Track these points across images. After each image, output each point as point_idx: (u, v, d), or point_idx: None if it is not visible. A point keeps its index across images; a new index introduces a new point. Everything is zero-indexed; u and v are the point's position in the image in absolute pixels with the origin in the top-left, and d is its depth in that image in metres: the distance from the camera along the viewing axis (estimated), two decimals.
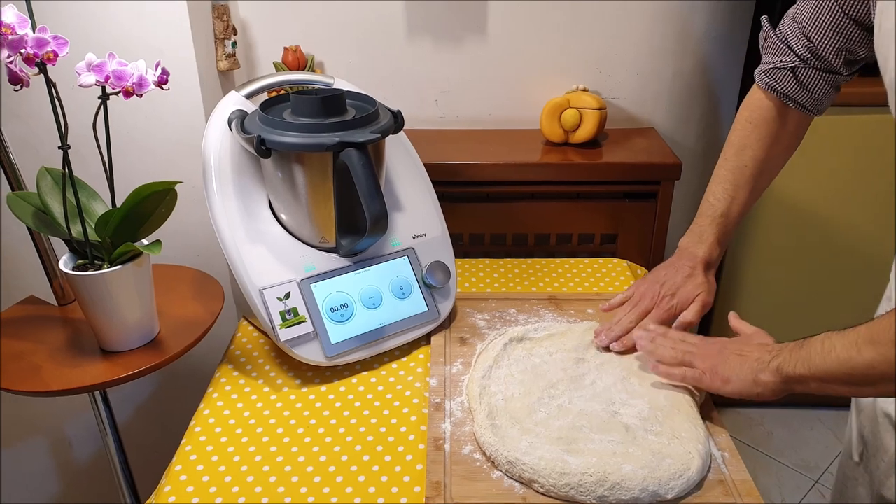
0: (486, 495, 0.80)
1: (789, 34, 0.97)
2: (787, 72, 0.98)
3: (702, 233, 1.04)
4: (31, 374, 0.99)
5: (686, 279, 1.02)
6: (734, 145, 1.04)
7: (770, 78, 1.00)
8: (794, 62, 0.97)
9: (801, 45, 0.96)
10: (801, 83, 0.98)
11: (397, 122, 1.05)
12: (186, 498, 0.83)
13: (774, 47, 1.00)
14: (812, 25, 0.94)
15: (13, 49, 0.83)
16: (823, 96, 1.00)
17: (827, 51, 0.94)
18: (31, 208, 1.00)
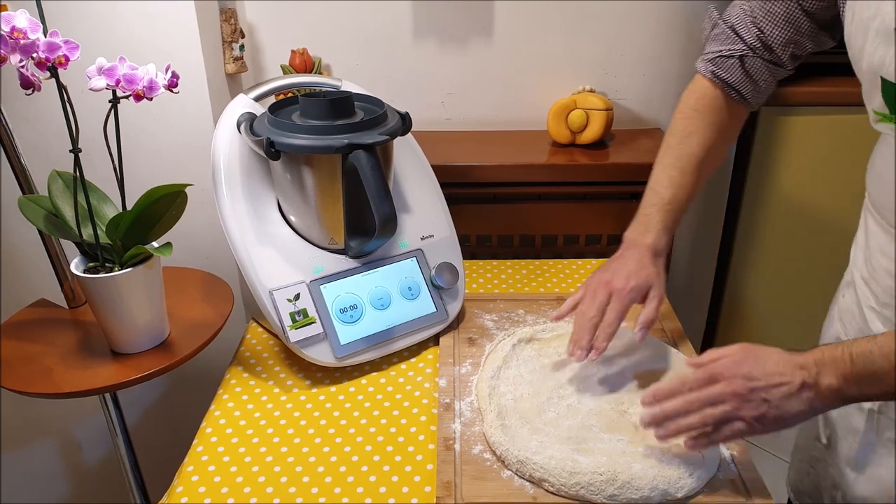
0: (496, 495, 0.80)
1: (738, 24, 0.97)
2: (736, 60, 0.97)
3: (647, 222, 1.00)
4: (43, 377, 1.00)
5: (637, 270, 0.97)
6: (679, 132, 1.02)
7: (716, 66, 0.99)
8: (742, 51, 0.97)
9: (751, 34, 0.96)
10: (748, 72, 0.98)
11: (405, 123, 1.06)
12: (198, 498, 0.83)
13: (723, 36, 0.99)
14: (764, 16, 0.94)
15: (25, 53, 0.84)
16: (766, 88, 1.00)
17: (776, 42, 0.94)
18: (43, 211, 1.01)
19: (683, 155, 1.00)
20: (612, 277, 0.96)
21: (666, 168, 1.01)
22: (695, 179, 1.01)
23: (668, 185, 1.00)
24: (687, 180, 1.00)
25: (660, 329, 1.11)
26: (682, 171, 1.00)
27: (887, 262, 0.85)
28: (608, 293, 0.94)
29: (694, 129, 1.01)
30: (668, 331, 1.10)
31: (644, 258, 0.98)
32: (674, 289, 1.82)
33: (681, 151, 1.01)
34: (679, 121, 1.03)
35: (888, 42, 0.71)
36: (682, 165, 1.00)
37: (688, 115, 1.02)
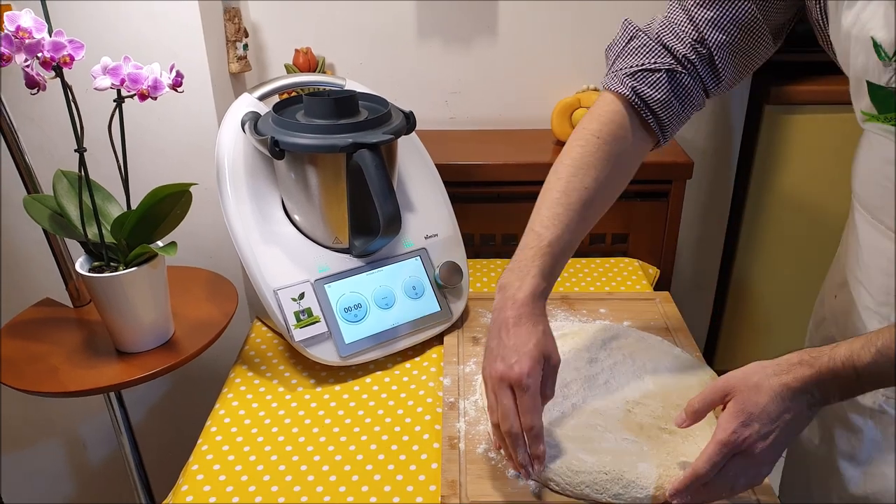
0: (501, 494, 0.80)
1: (668, 35, 0.86)
2: (662, 75, 0.85)
3: (523, 269, 0.83)
4: (48, 376, 1.00)
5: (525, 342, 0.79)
6: (573, 163, 0.86)
7: (637, 81, 0.85)
8: (671, 64, 0.85)
9: (685, 45, 0.85)
10: (675, 91, 0.86)
11: (409, 122, 1.06)
12: (204, 497, 0.84)
13: (644, 49, 0.87)
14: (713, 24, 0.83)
15: (30, 53, 0.84)
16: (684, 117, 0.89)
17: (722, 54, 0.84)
18: (48, 211, 1.01)
19: (572, 189, 0.85)
20: (506, 366, 0.78)
21: (551, 205, 0.85)
22: (582, 218, 0.85)
23: (549, 224, 0.84)
24: (573, 219, 0.84)
25: (664, 327, 1.11)
26: (569, 207, 0.84)
27: (883, 262, 0.83)
28: (509, 389, 0.78)
29: (591, 162, 0.85)
30: (672, 329, 1.10)
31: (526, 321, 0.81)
32: (679, 284, 1.82)
33: (570, 185, 0.85)
34: (576, 148, 0.87)
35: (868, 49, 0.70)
36: (570, 202, 0.84)
37: (587, 142, 0.86)
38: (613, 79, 0.88)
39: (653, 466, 0.80)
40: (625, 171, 0.89)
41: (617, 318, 1.13)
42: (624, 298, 1.20)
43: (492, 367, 0.80)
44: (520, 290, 0.82)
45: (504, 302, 0.82)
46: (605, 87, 0.89)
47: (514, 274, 0.84)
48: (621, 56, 0.89)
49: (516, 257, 0.85)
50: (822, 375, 0.71)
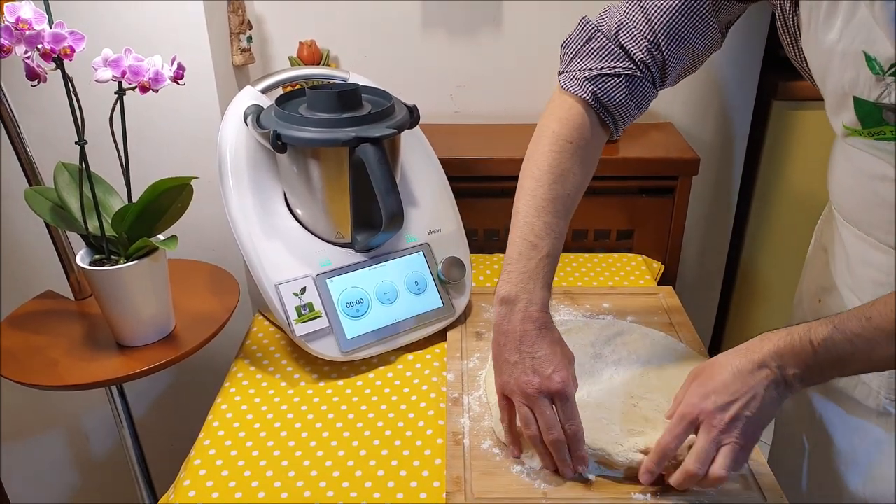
0: (506, 490, 0.80)
1: (625, 36, 0.86)
2: (622, 80, 0.86)
3: (528, 282, 0.82)
4: (49, 369, 1.00)
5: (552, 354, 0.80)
6: (552, 169, 0.85)
7: (597, 87, 0.86)
8: (630, 70, 0.86)
9: (642, 49, 0.85)
10: (632, 95, 0.87)
11: (413, 116, 1.05)
12: (206, 492, 0.83)
13: (604, 52, 0.87)
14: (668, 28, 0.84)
15: (30, 44, 0.83)
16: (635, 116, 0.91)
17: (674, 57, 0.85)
18: (49, 203, 1.00)
19: (558, 197, 0.84)
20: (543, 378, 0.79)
21: (539, 212, 0.84)
22: (566, 224, 0.86)
23: (544, 234, 0.83)
24: (561, 227, 0.85)
25: (667, 322, 1.10)
26: (557, 215, 0.84)
27: (874, 272, 0.84)
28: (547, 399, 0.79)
29: (569, 167, 0.86)
30: (676, 324, 1.09)
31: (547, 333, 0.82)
32: (684, 280, 1.81)
33: (555, 193, 0.84)
34: (550, 153, 0.86)
35: (857, 63, 0.70)
36: (557, 209, 0.84)
37: (562, 147, 0.86)
38: (572, 81, 0.88)
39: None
40: (592, 169, 0.91)
41: (620, 313, 1.12)
42: (627, 293, 1.19)
43: (523, 380, 0.79)
44: (532, 303, 0.81)
45: (514, 315, 0.82)
46: (563, 87, 0.89)
47: (518, 287, 0.82)
48: (579, 56, 0.89)
49: (513, 267, 0.84)
50: (780, 349, 0.72)
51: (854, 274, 0.88)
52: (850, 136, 0.78)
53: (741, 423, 0.73)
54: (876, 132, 0.74)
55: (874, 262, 0.83)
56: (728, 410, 0.73)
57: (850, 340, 0.69)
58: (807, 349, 0.71)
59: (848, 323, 0.69)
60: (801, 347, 0.71)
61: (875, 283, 0.84)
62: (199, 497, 0.83)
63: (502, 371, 0.82)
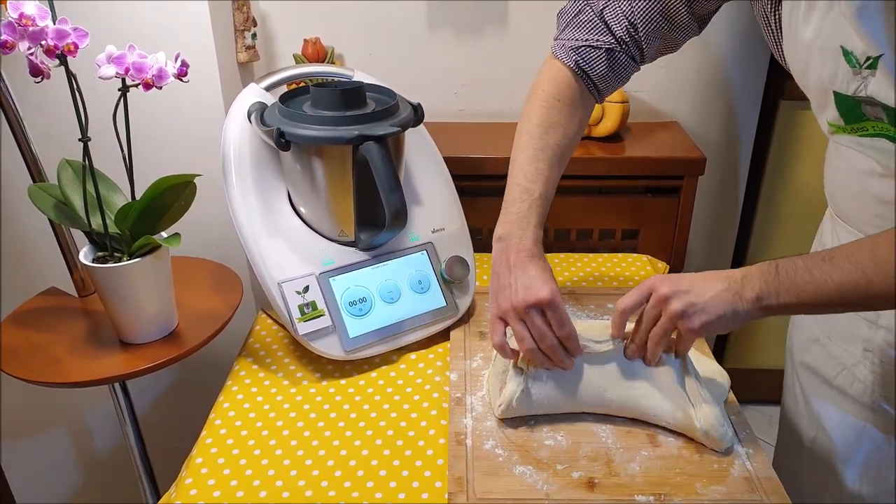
0: (509, 491, 0.79)
1: (608, 13, 0.92)
2: (602, 53, 0.93)
3: (521, 220, 0.91)
4: (52, 366, 1.00)
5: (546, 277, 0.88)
6: (541, 122, 0.94)
7: (580, 56, 0.94)
8: (611, 44, 0.93)
9: (622, 26, 0.92)
10: (612, 67, 0.94)
11: (417, 115, 1.04)
12: (208, 490, 0.83)
13: (589, 24, 0.94)
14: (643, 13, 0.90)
15: (34, 41, 0.83)
16: (619, 84, 0.98)
17: (646, 34, 0.92)
18: (53, 200, 1.00)
19: (548, 146, 0.94)
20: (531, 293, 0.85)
21: (531, 160, 0.93)
22: (558, 172, 0.95)
23: (535, 178, 0.92)
24: (552, 174, 0.94)
25: None
26: (549, 163, 0.93)
27: None
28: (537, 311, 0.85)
29: (557, 121, 0.95)
30: None
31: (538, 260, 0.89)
32: None
33: (545, 142, 0.94)
34: (541, 109, 0.95)
35: (836, 58, 0.73)
36: (549, 157, 0.93)
37: (551, 104, 0.95)
38: (561, 49, 0.96)
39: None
40: (580, 126, 0.99)
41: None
42: None
43: (515, 297, 0.86)
44: (524, 238, 0.90)
45: (509, 249, 0.90)
46: (553, 53, 0.98)
47: (512, 225, 0.91)
48: (570, 26, 0.97)
49: (509, 209, 0.93)
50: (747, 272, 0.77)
51: None
52: (835, 133, 0.80)
53: (685, 299, 0.79)
54: (858, 128, 0.77)
55: None
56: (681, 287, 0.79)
57: (808, 270, 0.73)
58: (770, 270, 0.75)
59: (813, 257, 0.74)
60: (766, 268, 0.76)
61: None
62: (201, 496, 0.82)
63: (497, 296, 0.89)
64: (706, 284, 0.79)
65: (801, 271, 0.74)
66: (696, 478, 0.81)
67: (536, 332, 0.85)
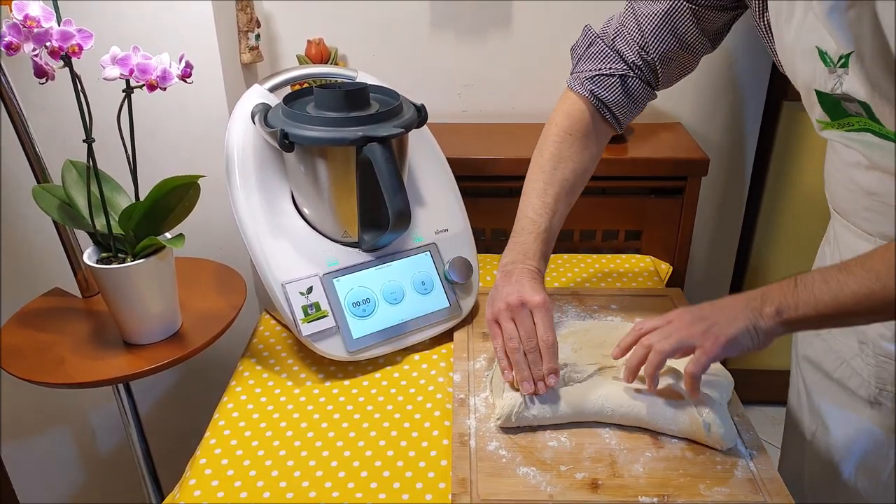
0: (512, 492, 0.79)
1: (620, 41, 0.96)
2: (616, 80, 0.97)
3: (526, 250, 0.96)
4: (56, 366, 1.00)
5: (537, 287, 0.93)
6: (552, 157, 0.99)
7: (596, 85, 0.97)
8: (623, 70, 0.96)
9: (633, 52, 0.95)
10: (627, 92, 0.97)
11: (421, 116, 1.04)
12: (211, 491, 0.83)
13: (601, 54, 0.98)
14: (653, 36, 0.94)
15: (38, 42, 0.83)
16: (636, 110, 1.01)
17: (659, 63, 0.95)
18: (57, 201, 1.00)
19: (556, 181, 0.98)
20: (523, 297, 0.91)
21: (540, 195, 0.98)
22: (566, 206, 1.00)
23: (542, 212, 0.97)
24: (560, 208, 0.98)
25: None
26: (556, 197, 0.98)
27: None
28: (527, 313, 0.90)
29: (567, 155, 0.99)
30: None
31: (533, 279, 0.94)
32: (693, 281, 1.80)
33: (554, 177, 0.98)
34: (553, 144, 1.00)
35: (813, 58, 0.75)
36: (556, 192, 0.98)
37: (562, 138, 0.99)
38: (576, 81, 1.00)
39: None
40: (593, 158, 1.02)
41: (628, 314, 1.12)
42: (635, 295, 1.19)
43: (510, 297, 0.92)
44: (525, 264, 0.95)
45: (511, 276, 0.95)
46: (569, 86, 1.02)
47: (517, 255, 0.96)
48: (583, 59, 1.00)
49: (516, 240, 0.98)
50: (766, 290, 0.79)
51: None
52: (824, 129, 0.83)
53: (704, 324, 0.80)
54: (844, 124, 0.79)
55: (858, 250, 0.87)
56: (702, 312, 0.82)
57: (825, 280, 0.74)
58: (790, 284, 0.77)
59: (830, 268, 0.75)
60: (785, 284, 0.77)
61: None
62: (205, 496, 0.83)
63: (494, 302, 0.94)
64: (726, 305, 0.81)
65: (818, 282, 0.75)
66: (699, 479, 0.81)
67: (524, 330, 0.90)
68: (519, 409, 0.87)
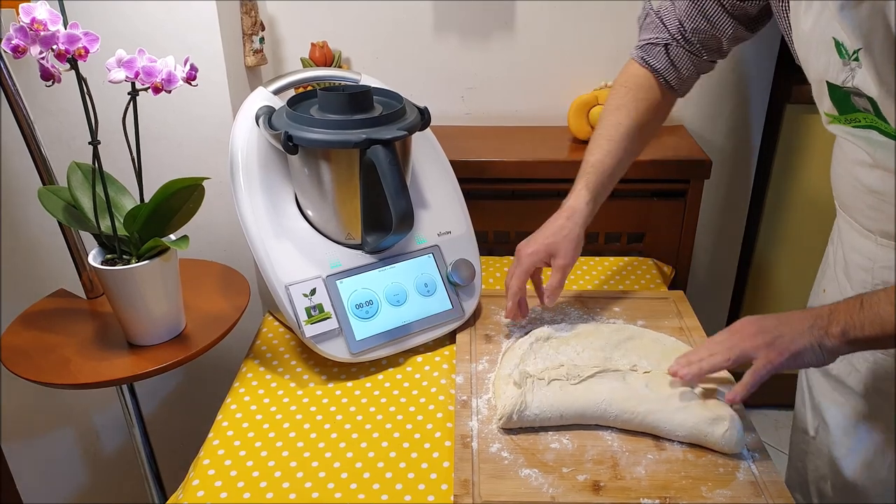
0: (514, 494, 0.80)
1: (664, 14, 1.04)
2: (661, 48, 1.05)
3: (573, 187, 1.06)
4: (61, 367, 1.00)
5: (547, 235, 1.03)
6: (609, 107, 1.08)
7: (645, 53, 1.07)
8: (667, 40, 1.04)
9: (674, 25, 1.03)
10: (671, 60, 1.05)
11: (424, 118, 1.05)
12: (215, 492, 0.83)
13: (652, 25, 1.06)
14: (686, 14, 1.01)
15: (45, 45, 0.84)
16: (688, 77, 1.08)
17: (690, 31, 1.02)
18: (62, 202, 1.01)
19: (611, 124, 1.06)
20: (525, 243, 1.04)
21: (596, 138, 1.07)
22: (623, 147, 1.05)
23: (594, 150, 1.06)
24: (613, 147, 1.05)
25: (678, 327, 1.09)
26: (609, 138, 1.05)
27: (860, 258, 0.91)
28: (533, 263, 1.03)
29: (622, 103, 1.07)
30: (687, 328, 1.09)
31: (560, 221, 1.03)
32: (695, 283, 1.80)
33: (608, 121, 1.06)
34: (611, 97, 1.09)
35: (828, 50, 0.76)
36: (610, 134, 1.05)
37: (618, 91, 1.09)
38: (633, 49, 1.10)
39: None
40: (654, 112, 1.09)
41: (631, 317, 1.12)
42: (638, 297, 1.19)
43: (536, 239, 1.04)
44: (568, 199, 1.05)
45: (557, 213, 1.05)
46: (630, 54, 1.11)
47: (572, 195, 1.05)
48: (641, 30, 1.09)
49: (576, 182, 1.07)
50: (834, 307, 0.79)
51: (847, 259, 0.95)
52: (832, 123, 0.84)
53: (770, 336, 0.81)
54: (851, 119, 0.81)
55: (860, 247, 0.91)
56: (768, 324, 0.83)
57: (889, 300, 0.74)
58: (855, 303, 0.77)
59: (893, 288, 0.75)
60: (852, 302, 0.78)
61: (861, 267, 0.92)
62: (208, 497, 0.83)
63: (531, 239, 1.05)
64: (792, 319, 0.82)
65: (883, 302, 0.75)
66: (701, 481, 0.81)
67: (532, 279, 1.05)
68: (520, 408, 0.87)
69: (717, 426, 0.84)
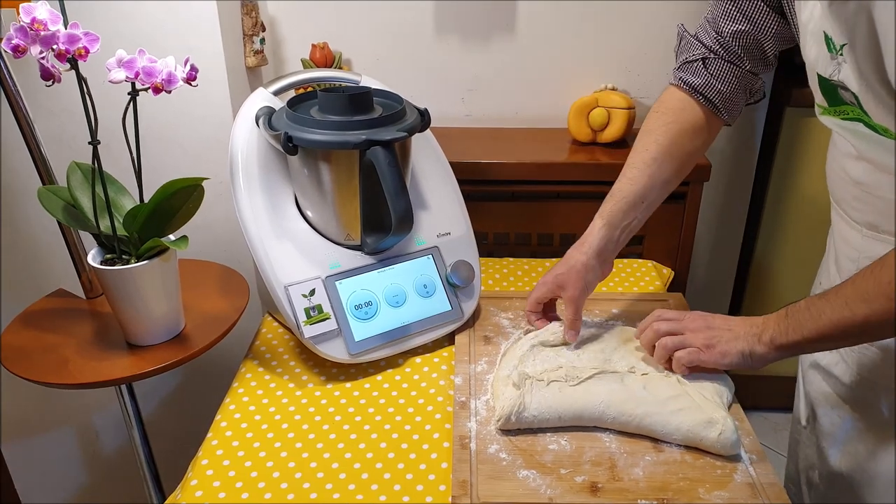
0: (512, 495, 0.80)
1: (700, 31, 1.02)
2: (699, 63, 1.01)
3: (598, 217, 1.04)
4: (59, 367, 1.00)
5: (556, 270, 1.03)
6: (640, 132, 1.05)
7: (682, 72, 1.03)
8: (704, 53, 1.00)
9: (710, 37, 0.99)
10: (711, 74, 1.00)
11: (424, 120, 1.05)
12: (213, 492, 0.83)
13: (688, 45, 1.03)
14: (724, 17, 0.97)
15: (45, 45, 0.84)
16: (731, 93, 1.01)
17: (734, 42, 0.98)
18: (61, 202, 1.01)
19: (636, 150, 1.03)
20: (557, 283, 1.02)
21: (624, 167, 1.04)
22: (647, 173, 1.01)
23: (618, 178, 1.04)
24: (636, 173, 1.01)
25: None
26: (632, 165, 1.02)
27: (849, 249, 0.94)
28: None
29: (651, 128, 1.03)
30: None
31: (571, 252, 1.03)
32: (694, 286, 1.80)
33: (635, 147, 1.04)
34: (644, 123, 1.06)
35: (819, 42, 0.77)
36: (634, 160, 1.03)
37: (650, 116, 1.05)
38: (672, 73, 1.05)
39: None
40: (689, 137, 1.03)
41: (630, 319, 1.12)
42: (637, 299, 1.19)
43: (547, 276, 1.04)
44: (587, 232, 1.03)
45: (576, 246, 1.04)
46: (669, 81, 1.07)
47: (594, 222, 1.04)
48: (678, 55, 1.05)
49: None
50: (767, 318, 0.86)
51: (837, 250, 0.97)
52: (823, 114, 0.85)
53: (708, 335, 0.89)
54: (840, 111, 0.82)
55: (848, 238, 0.93)
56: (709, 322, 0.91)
57: (808, 308, 0.80)
58: (783, 313, 0.84)
59: (815, 296, 0.81)
60: (781, 312, 0.84)
61: (848, 258, 0.94)
62: (206, 497, 0.83)
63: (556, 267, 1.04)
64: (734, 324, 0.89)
65: (802, 310, 0.81)
66: (699, 483, 0.81)
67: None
68: (518, 409, 0.87)
69: (710, 429, 0.84)
